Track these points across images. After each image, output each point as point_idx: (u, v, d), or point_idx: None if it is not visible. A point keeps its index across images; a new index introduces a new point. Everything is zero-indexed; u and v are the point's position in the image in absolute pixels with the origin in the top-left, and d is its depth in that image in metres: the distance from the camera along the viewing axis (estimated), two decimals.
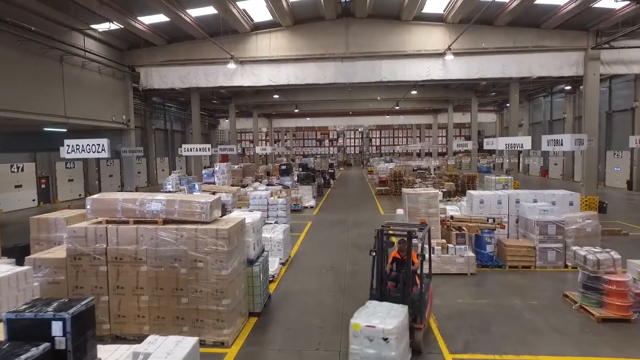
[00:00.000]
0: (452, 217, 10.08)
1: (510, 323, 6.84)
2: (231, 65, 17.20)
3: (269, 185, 20.60)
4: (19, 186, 21.87)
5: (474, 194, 10.82)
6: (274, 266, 9.34)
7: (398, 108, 36.86)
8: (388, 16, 17.28)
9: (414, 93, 27.89)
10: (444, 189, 18.54)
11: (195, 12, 15.79)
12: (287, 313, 7.40)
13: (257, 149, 34.27)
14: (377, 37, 17.37)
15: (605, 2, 14.28)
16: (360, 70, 17.95)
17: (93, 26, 15.58)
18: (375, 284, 6.24)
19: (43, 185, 23.64)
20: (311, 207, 19.98)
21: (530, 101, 39.87)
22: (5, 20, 12.05)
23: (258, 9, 16.38)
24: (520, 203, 10.46)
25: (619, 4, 14.07)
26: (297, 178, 22.91)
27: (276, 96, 28.84)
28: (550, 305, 7.47)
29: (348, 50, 17.54)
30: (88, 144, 8.95)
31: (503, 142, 13.13)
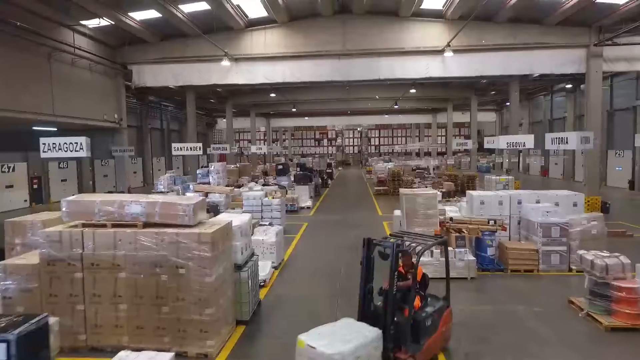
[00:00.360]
0: (452, 219, 9.69)
1: (514, 332, 6.45)
2: (225, 63, 16.78)
3: (265, 185, 20.19)
4: (10, 186, 21.43)
5: (474, 194, 10.43)
6: (266, 270, 8.95)
7: (397, 107, 36.48)
8: (386, 12, 16.88)
9: (412, 92, 27.51)
10: (443, 189, 18.16)
11: (187, 8, 15.39)
12: (278, 321, 7.01)
13: (253, 148, 33.84)
14: (375, 34, 16.97)
15: None
16: (357, 67, 17.56)
17: (83, 22, 15.17)
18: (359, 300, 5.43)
19: (35, 185, 23.20)
20: (308, 208, 19.59)
21: (531, 100, 39.49)
22: None
23: (252, 5, 15.98)
24: (522, 204, 10.07)
25: None
26: (294, 178, 22.49)
27: (273, 95, 28.45)
28: (555, 313, 7.08)
29: (345, 47, 17.15)
30: (65, 143, 8.52)
31: (504, 141, 12.75)
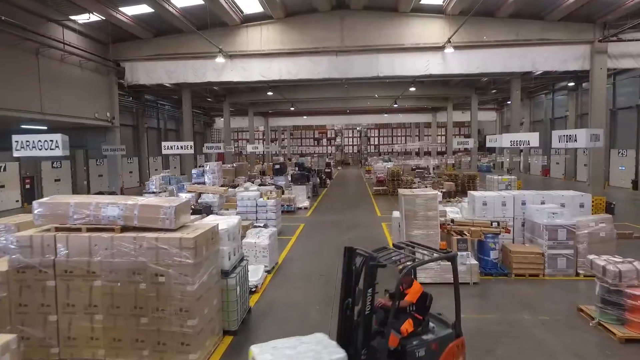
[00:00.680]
0: (453, 221, 9.26)
1: (520, 343, 6.03)
2: (219, 60, 16.35)
3: (261, 185, 19.76)
4: (2, 186, 20.98)
5: (476, 195, 10.00)
6: (258, 275, 8.51)
7: (396, 106, 36.05)
8: (385, 7, 16.46)
9: (412, 90, 27.07)
10: (443, 190, 17.73)
11: (180, 2, 14.96)
12: (268, 331, 6.56)
13: (249, 148, 33.42)
14: (373, 30, 16.54)
15: None
16: (355, 64, 17.12)
17: (72, 17, 14.71)
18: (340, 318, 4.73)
19: (27, 185, 22.74)
20: (305, 208, 19.16)
21: (532, 99, 39.06)
22: None
23: (248, 0, 15.54)
24: (527, 205, 9.64)
25: None
26: (291, 178, 22.06)
27: (270, 93, 28.00)
28: (564, 322, 6.65)
29: (343, 43, 16.72)
30: (40, 140, 8.04)
31: (508, 139, 12.31)
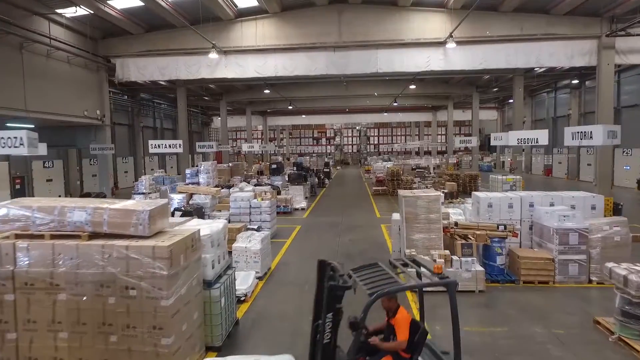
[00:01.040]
0: (457, 224, 8.69)
1: None
2: (213, 55, 15.75)
3: (257, 185, 19.20)
4: None
5: (481, 196, 9.43)
6: (248, 282, 7.94)
7: (396, 105, 35.47)
8: (384, 1, 15.84)
9: (412, 88, 26.47)
10: (445, 190, 17.14)
11: None
12: (255, 347, 6.00)
13: (245, 147, 32.87)
14: (372, 25, 15.93)
15: None
16: (354, 60, 16.53)
17: (58, 11, 14.11)
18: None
19: (18, 185, 22.12)
20: (302, 209, 18.59)
21: (533, 97, 38.48)
22: None
23: None
24: (535, 207, 9.07)
25: None
26: (288, 178, 21.49)
27: (267, 91, 27.40)
28: (579, 336, 6.08)
29: (341, 39, 16.12)
30: (2, 137, 7.36)
31: (515, 137, 11.70)
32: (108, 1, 14.14)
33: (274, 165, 22.88)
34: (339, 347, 4.12)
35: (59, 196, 24.51)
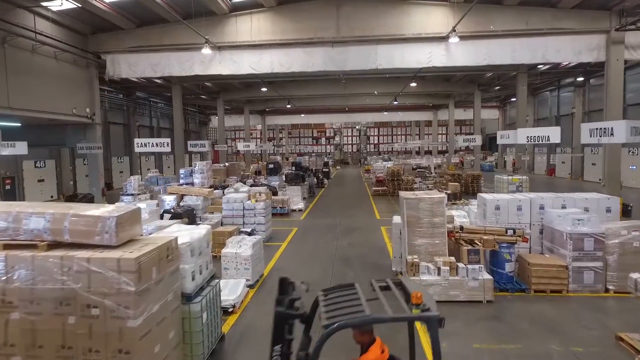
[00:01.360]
0: (462, 228, 8.08)
1: None
2: (206, 51, 15.15)
3: (253, 185, 18.61)
4: None
5: (487, 198, 8.83)
6: (237, 291, 7.34)
7: (396, 103, 34.86)
8: None
9: (413, 85, 25.86)
10: (447, 191, 16.53)
11: None
12: None
13: (240, 146, 32.31)
14: (372, 19, 15.36)
15: None
16: (352, 56, 15.95)
17: (44, 4, 13.53)
18: None
19: (8, 186, 21.52)
20: (300, 210, 17.98)
21: (536, 96, 37.86)
22: None
23: None
24: (546, 210, 8.47)
25: None
26: (285, 178, 20.88)
27: (264, 89, 26.81)
28: (602, 355, 5.48)
29: (339, 33, 15.54)
30: None
31: (524, 135, 11.08)
32: None
33: (271, 165, 22.28)
34: None
35: (51, 197, 23.95)
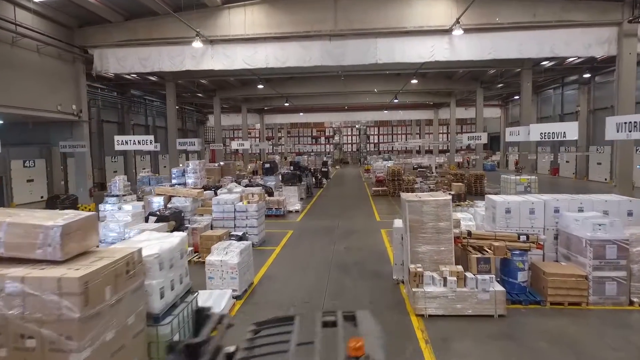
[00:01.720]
0: (470, 234, 7.35)
1: None
2: (197, 44, 14.43)
3: (248, 186, 17.88)
4: None
5: (497, 200, 8.10)
6: (221, 304, 6.61)
7: (397, 101, 34.12)
8: None
9: (414, 82, 25.14)
10: (451, 192, 15.80)
11: None
12: None
13: (234, 144, 31.64)
14: (371, 11, 14.62)
15: None
16: (351, 50, 15.21)
17: None
18: None
19: None
20: (296, 212, 17.26)
21: (539, 94, 37.09)
22: None
23: None
24: (561, 213, 7.74)
25: None
26: (282, 178, 20.15)
27: (260, 86, 26.06)
28: None
29: (337, 26, 14.79)
30: None
31: (537, 131, 10.32)
32: None
33: (267, 165, 21.55)
34: None
35: (41, 197, 23.19)
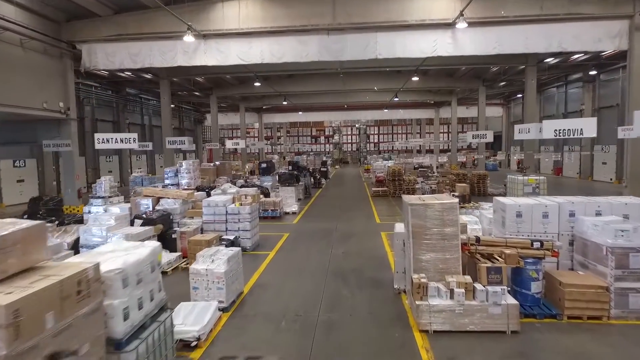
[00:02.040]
0: (479, 240, 6.72)
1: None
2: (188, 38, 13.80)
3: (243, 186, 17.25)
4: None
5: (507, 203, 7.46)
6: (204, 319, 5.97)
7: (397, 100, 33.47)
8: None
9: (415, 80, 24.48)
10: (455, 193, 15.15)
11: None
12: None
13: (229, 143, 31.05)
14: (371, 4, 14.02)
15: None
16: (350, 45, 14.60)
17: None
18: None
19: None
20: (293, 213, 16.63)
21: (542, 92, 36.44)
22: None
23: None
24: (577, 217, 7.11)
25: None
26: (278, 178, 19.52)
27: (257, 84, 25.40)
28: None
29: (335, 20, 14.18)
30: None
31: (551, 128, 9.61)
32: None
33: (264, 165, 20.92)
34: None
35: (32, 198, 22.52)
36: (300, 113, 46.18)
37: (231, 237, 10.16)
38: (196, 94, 33.57)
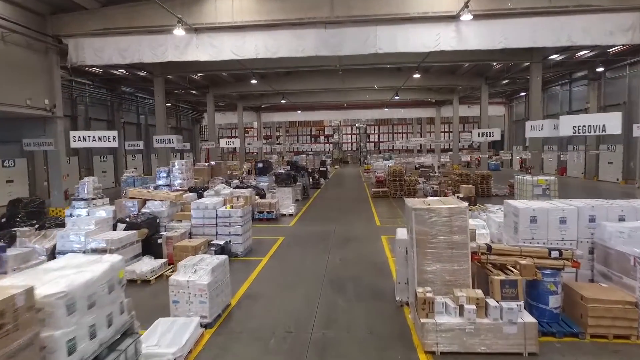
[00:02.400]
0: (490, 249, 6.05)
1: None
2: (179, 32, 13.10)
3: (238, 187, 16.60)
4: None
5: (519, 207, 6.78)
6: (182, 339, 5.30)
7: (398, 99, 32.79)
8: None
9: (416, 77, 23.79)
10: (459, 194, 14.47)
11: None
12: None
13: (222, 143, 30.41)
14: None
15: None
16: (349, 39, 13.89)
17: None
18: None
19: None
20: (290, 215, 15.95)
21: (545, 91, 35.69)
22: None
23: None
24: (598, 222, 6.44)
25: None
26: (275, 179, 18.85)
27: (254, 81, 24.73)
28: None
29: (333, 13, 13.48)
30: None
31: (569, 124, 8.86)
32: None
33: (260, 164, 20.25)
34: None
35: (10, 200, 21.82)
36: (299, 112, 45.51)
37: (221, 242, 9.51)
38: (192, 92, 32.90)
